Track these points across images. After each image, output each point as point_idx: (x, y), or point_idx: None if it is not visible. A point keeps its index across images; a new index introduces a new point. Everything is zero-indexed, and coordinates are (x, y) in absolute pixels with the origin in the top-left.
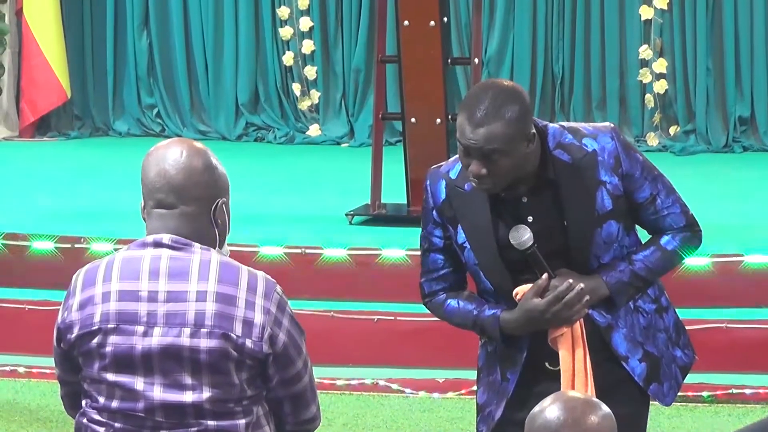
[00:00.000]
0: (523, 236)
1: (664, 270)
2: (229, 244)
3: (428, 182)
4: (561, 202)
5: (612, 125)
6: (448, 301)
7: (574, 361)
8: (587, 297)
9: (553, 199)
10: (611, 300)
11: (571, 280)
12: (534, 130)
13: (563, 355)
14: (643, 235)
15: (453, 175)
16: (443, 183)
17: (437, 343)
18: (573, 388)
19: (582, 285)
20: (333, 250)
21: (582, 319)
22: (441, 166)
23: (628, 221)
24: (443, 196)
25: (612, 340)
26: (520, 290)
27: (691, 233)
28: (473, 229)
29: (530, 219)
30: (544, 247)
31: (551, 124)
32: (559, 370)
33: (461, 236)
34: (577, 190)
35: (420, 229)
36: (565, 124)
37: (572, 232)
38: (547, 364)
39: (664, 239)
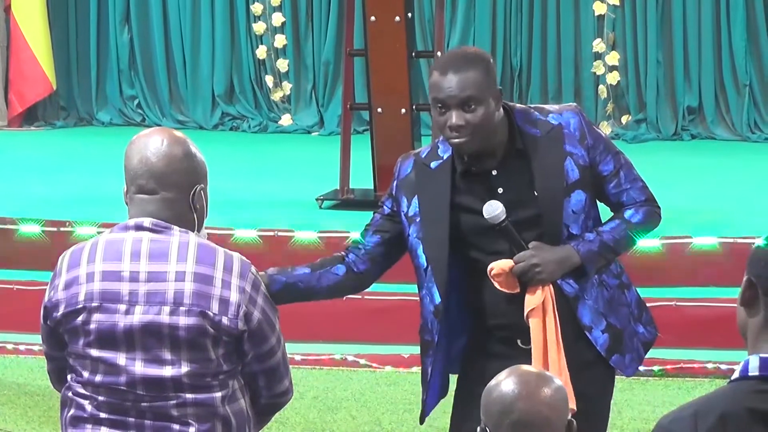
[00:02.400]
0: (495, 210)
1: (629, 242)
2: (206, 227)
3: (399, 161)
4: (530, 172)
5: (575, 105)
6: (308, 265)
7: (545, 334)
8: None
9: (522, 170)
10: (582, 269)
11: (533, 251)
12: (500, 94)
13: (534, 326)
14: (604, 212)
15: (422, 155)
16: (412, 161)
17: (403, 320)
18: (545, 358)
19: (535, 261)
20: (304, 232)
21: (552, 291)
22: (413, 151)
23: (594, 194)
24: (409, 170)
25: (578, 311)
26: (496, 265)
27: (652, 208)
28: (429, 201)
29: (500, 191)
30: (515, 218)
31: (518, 105)
32: (530, 349)
33: (414, 208)
34: (545, 160)
35: None
36: (531, 105)
37: (542, 201)
38: (519, 342)
39: (628, 212)
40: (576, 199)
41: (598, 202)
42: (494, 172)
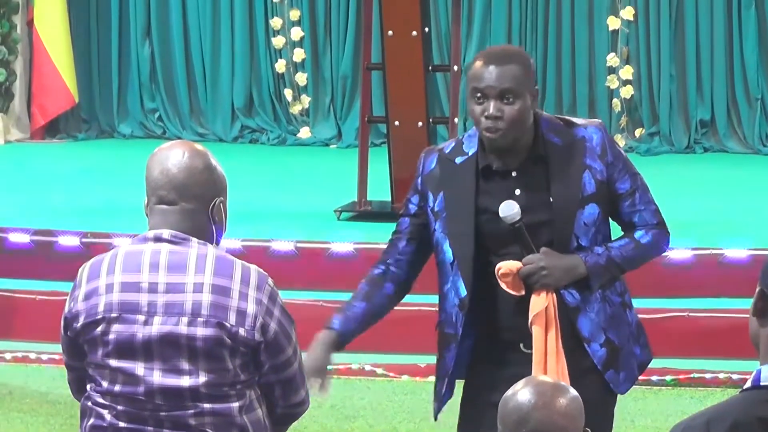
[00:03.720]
0: (512, 210)
1: (636, 262)
2: (225, 239)
3: (422, 156)
4: (548, 179)
5: (600, 121)
6: (362, 282)
7: (546, 340)
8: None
9: (540, 175)
10: (587, 281)
11: (542, 255)
12: (537, 93)
13: (537, 332)
14: (615, 231)
15: (447, 150)
16: (436, 156)
17: (419, 330)
18: (545, 364)
19: (543, 264)
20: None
21: (555, 301)
22: (436, 146)
23: (607, 210)
24: (433, 165)
25: (578, 322)
26: (504, 265)
27: (662, 232)
28: (454, 196)
29: (518, 192)
30: (527, 222)
31: (545, 113)
32: (531, 353)
33: (440, 203)
34: (564, 169)
35: None
36: (557, 116)
37: (556, 208)
38: (521, 346)
39: (638, 233)
40: (589, 212)
41: (610, 220)
42: (514, 174)
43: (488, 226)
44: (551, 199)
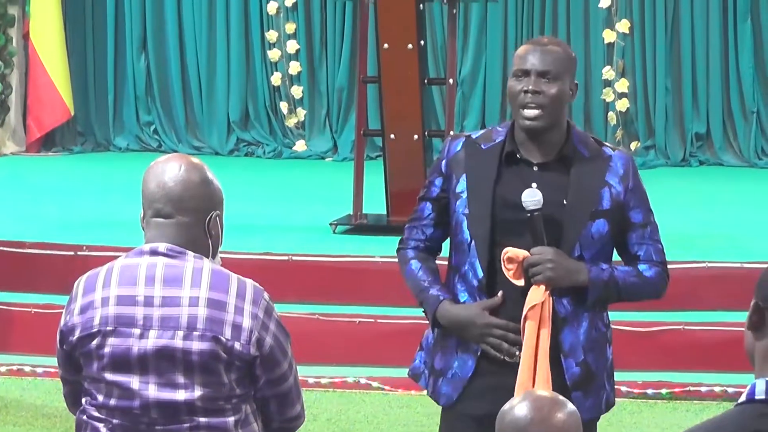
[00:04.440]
0: (534, 196)
1: (634, 293)
2: (222, 252)
3: (448, 140)
4: (568, 182)
5: (630, 154)
6: (412, 261)
7: (538, 337)
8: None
9: (561, 176)
10: (584, 292)
11: (551, 249)
12: (576, 87)
13: (530, 327)
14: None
15: (474, 136)
16: (462, 140)
17: (414, 343)
18: (534, 368)
19: (550, 257)
20: (315, 255)
21: (550, 305)
22: (463, 132)
23: (615, 234)
24: (458, 148)
25: (561, 333)
26: (511, 251)
27: (664, 274)
28: (476, 179)
29: (534, 185)
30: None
31: (579, 128)
32: (518, 363)
33: (462, 185)
34: (585, 178)
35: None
36: (591, 134)
37: (568, 212)
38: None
39: (642, 266)
40: (598, 227)
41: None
42: (535, 168)
43: (503, 214)
44: (565, 202)
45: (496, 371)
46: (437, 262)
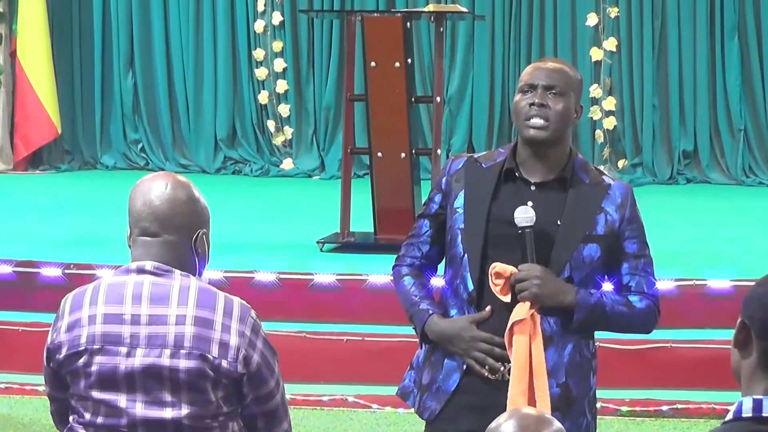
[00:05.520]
0: (526, 213)
1: (621, 323)
2: (208, 270)
3: (450, 160)
4: (563, 204)
5: (630, 185)
6: (405, 277)
7: (531, 348)
8: (537, 282)
9: (557, 197)
10: (570, 312)
11: (540, 267)
12: (581, 109)
13: (519, 342)
14: None
15: (476, 155)
16: (464, 159)
17: (402, 361)
18: (531, 383)
19: (538, 274)
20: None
21: (539, 320)
22: (465, 153)
23: (606, 261)
24: (460, 166)
25: (546, 351)
26: (499, 266)
27: (655, 309)
28: (474, 195)
29: (529, 204)
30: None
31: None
32: (506, 381)
33: (459, 201)
34: (582, 202)
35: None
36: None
37: (561, 233)
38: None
39: (633, 297)
40: (590, 252)
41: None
42: (533, 187)
43: (496, 229)
44: (559, 222)
45: (480, 389)
46: (433, 282)
